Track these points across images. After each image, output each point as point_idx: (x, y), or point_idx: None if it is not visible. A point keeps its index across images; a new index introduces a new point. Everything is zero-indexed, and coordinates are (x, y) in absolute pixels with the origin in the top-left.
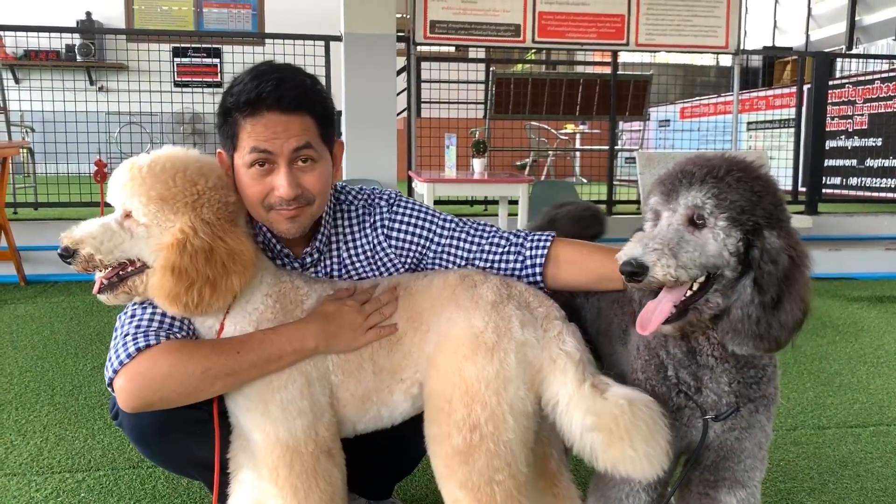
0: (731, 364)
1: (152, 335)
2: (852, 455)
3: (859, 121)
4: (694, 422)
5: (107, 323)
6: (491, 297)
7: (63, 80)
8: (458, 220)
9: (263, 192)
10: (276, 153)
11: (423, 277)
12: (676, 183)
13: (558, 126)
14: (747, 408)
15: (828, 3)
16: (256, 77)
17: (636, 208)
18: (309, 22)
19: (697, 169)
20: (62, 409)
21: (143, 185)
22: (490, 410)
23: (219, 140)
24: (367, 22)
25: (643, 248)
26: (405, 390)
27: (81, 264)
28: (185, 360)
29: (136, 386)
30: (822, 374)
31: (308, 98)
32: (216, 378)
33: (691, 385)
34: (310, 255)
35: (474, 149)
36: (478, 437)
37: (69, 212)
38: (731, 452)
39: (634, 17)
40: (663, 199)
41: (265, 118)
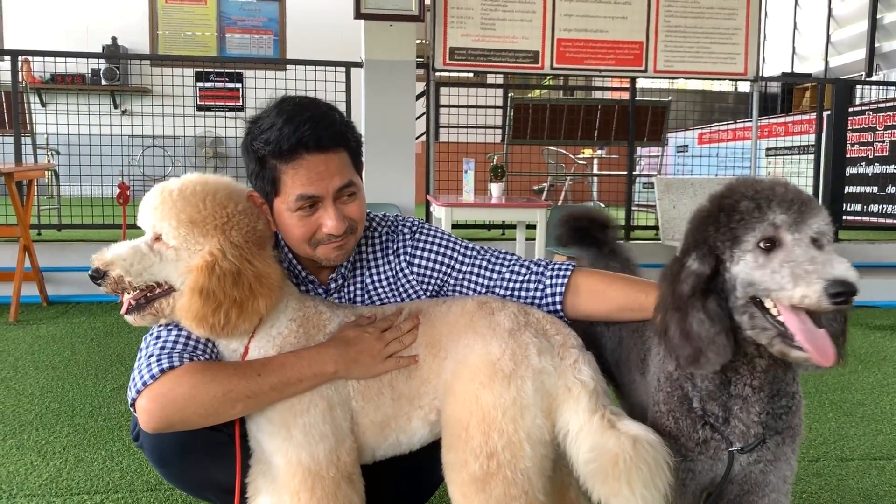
0: (765, 393)
1: (176, 357)
2: (876, 488)
3: (880, 147)
4: (719, 454)
5: (127, 344)
6: (508, 324)
7: (88, 104)
8: (479, 248)
9: (311, 230)
10: (322, 195)
11: (441, 304)
12: (805, 206)
13: (576, 151)
14: (774, 440)
15: (847, 30)
16: (290, 121)
17: (654, 234)
18: (330, 48)
19: (806, 196)
20: (82, 431)
21: (173, 208)
22: (507, 438)
23: (252, 183)
24: (387, 49)
25: (848, 266)
26: (423, 417)
27: (111, 286)
28: (208, 382)
29: (158, 407)
30: (845, 405)
31: (343, 134)
32: (237, 400)
33: (719, 416)
34: (334, 280)
35: (492, 173)
36: (495, 465)
37: (92, 233)
38: (756, 486)
39: (653, 44)
40: (792, 220)
41: (306, 161)
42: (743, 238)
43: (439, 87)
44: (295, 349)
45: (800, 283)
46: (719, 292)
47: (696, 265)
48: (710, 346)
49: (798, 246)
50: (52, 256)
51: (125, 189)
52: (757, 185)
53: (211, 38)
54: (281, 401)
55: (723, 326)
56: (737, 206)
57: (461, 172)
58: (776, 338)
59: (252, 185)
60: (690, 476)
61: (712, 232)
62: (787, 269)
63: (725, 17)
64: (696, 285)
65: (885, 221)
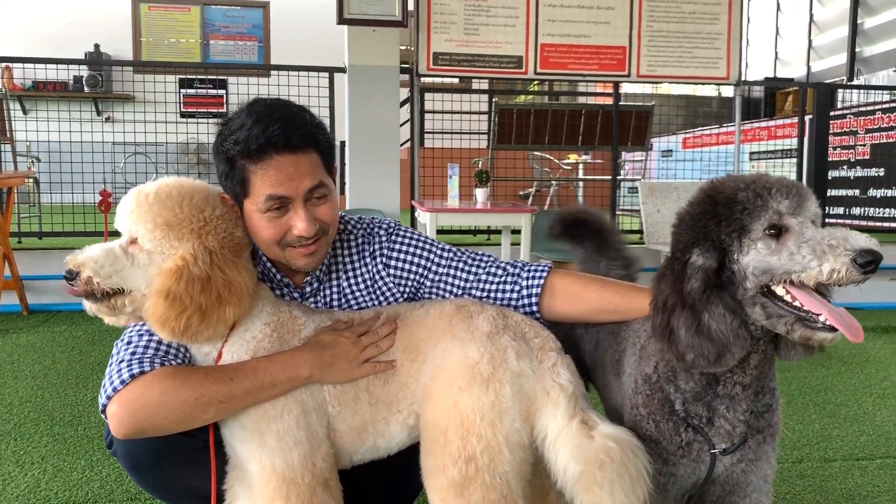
0: (752, 391)
1: (147, 362)
2: (859, 488)
3: (861, 151)
4: (702, 456)
5: (108, 353)
6: (486, 327)
7: (70, 111)
8: (455, 250)
9: (280, 232)
10: (292, 196)
11: (419, 308)
12: (803, 192)
13: (561, 156)
14: (755, 439)
15: (828, 35)
16: (259, 121)
17: (639, 238)
18: (314, 54)
19: (798, 183)
20: (61, 440)
21: (149, 211)
22: (485, 442)
23: (223, 185)
24: (371, 54)
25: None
26: (402, 421)
27: (81, 287)
28: (178, 387)
29: (128, 412)
30: (828, 406)
31: (313, 135)
32: (209, 405)
33: (703, 417)
34: (310, 284)
35: (477, 178)
36: (473, 470)
37: (73, 241)
38: (737, 486)
39: (636, 48)
40: (793, 205)
41: (276, 161)
42: (750, 227)
43: (424, 93)
44: (269, 354)
45: (826, 258)
46: (726, 287)
47: (702, 260)
48: (735, 340)
49: (806, 228)
50: (32, 265)
51: (107, 196)
52: (746, 177)
53: (195, 45)
54: (254, 406)
55: (742, 319)
56: (735, 197)
57: (446, 178)
58: (796, 323)
59: (222, 186)
60: (672, 480)
61: (713, 226)
62: (807, 248)
63: (708, 22)
64: (707, 280)
65: (867, 224)
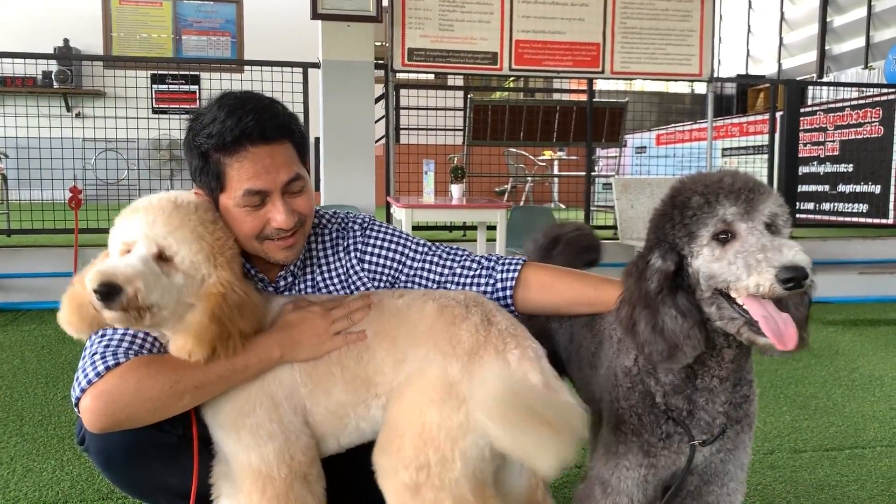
0: (729, 383)
1: (121, 353)
2: (829, 478)
3: (831, 147)
4: (682, 448)
5: (78, 353)
6: (468, 343)
7: (38, 107)
8: (430, 244)
9: (259, 225)
10: (270, 189)
11: (397, 297)
12: (754, 194)
13: (536, 152)
14: (733, 429)
15: (799, 33)
16: (232, 113)
17: (613, 233)
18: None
19: (754, 183)
20: (31, 440)
21: (192, 232)
22: (441, 455)
23: (196, 181)
24: (345, 49)
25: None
26: (382, 405)
27: (120, 305)
28: (153, 375)
29: (103, 404)
30: (799, 398)
31: (287, 126)
32: (185, 392)
33: (683, 410)
34: (284, 278)
35: (452, 175)
36: (424, 476)
37: (43, 239)
38: (715, 476)
39: (609, 45)
40: (742, 209)
41: (251, 153)
42: (697, 233)
43: (399, 89)
44: None
45: (752, 272)
46: (686, 287)
47: (660, 262)
48: (685, 340)
49: (752, 234)
50: (1, 263)
51: (77, 193)
52: (706, 178)
53: (167, 41)
54: (229, 389)
55: (695, 320)
56: (688, 202)
57: (421, 174)
58: (743, 326)
59: (196, 182)
60: (653, 472)
61: (669, 229)
62: (741, 259)
63: (680, 19)
64: (662, 282)
65: (836, 219)
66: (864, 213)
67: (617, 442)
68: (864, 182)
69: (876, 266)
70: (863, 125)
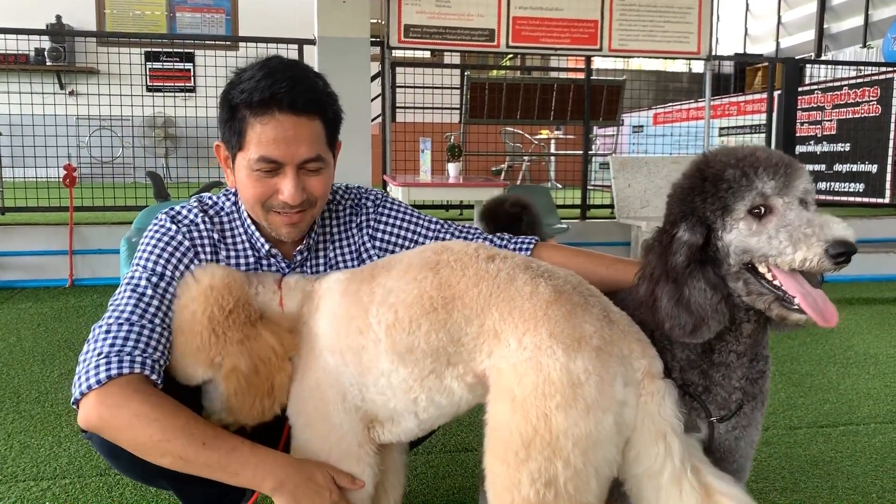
0: (746, 358)
1: (126, 362)
2: (823, 454)
3: (828, 126)
4: (700, 425)
5: (75, 329)
6: (596, 340)
7: (31, 83)
8: (441, 222)
9: (266, 193)
10: (284, 162)
11: (485, 259)
12: (790, 169)
13: (533, 131)
14: (749, 405)
15: (797, 12)
16: (270, 75)
17: (610, 212)
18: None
19: (788, 158)
20: (27, 417)
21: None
22: (573, 470)
23: (221, 133)
24: (341, 26)
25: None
26: (459, 376)
27: None
28: (151, 420)
29: (96, 417)
30: (794, 375)
31: (321, 101)
32: (167, 454)
33: (699, 385)
34: (300, 253)
35: (449, 153)
36: (552, 495)
37: (37, 217)
38: (728, 453)
39: (608, 22)
40: (779, 185)
41: (276, 119)
42: (733, 206)
43: (395, 67)
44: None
45: (800, 246)
46: (712, 261)
47: (688, 235)
48: (713, 314)
49: (790, 210)
50: None
51: (71, 171)
52: (738, 152)
53: (161, 18)
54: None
55: (723, 294)
56: (722, 174)
57: (418, 152)
58: (774, 302)
59: (220, 134)
60: None
61: (699, 202)
62: (785, 233)
63: None
64: (691, 255)
65: (832, 199)
66: (860, 193)
67: None
68: (861, 161)
69: (872, 245)
70: (860, 104)
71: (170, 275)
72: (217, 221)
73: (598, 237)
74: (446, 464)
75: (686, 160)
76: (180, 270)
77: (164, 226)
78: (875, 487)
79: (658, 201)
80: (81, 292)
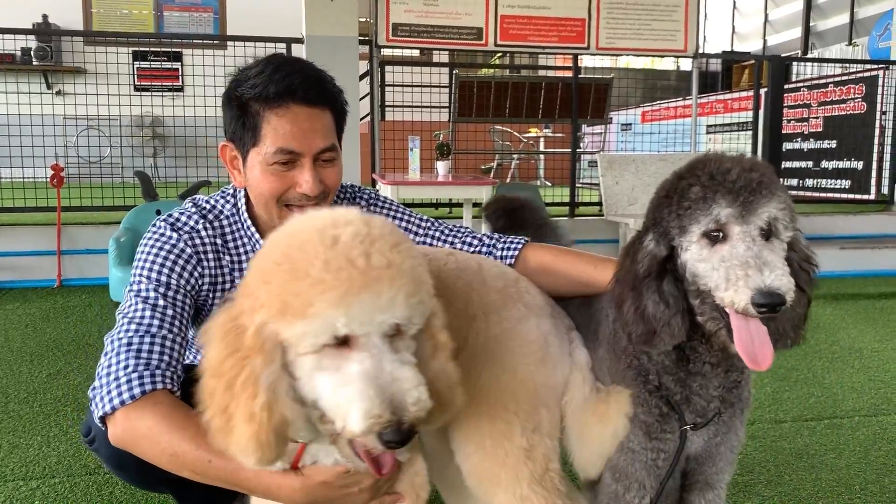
0: (721, 369)
1: (150, 377)
2: (808, 447)
3: (815, 123)
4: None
5: (63, 330)
6: (548, 307)
7: (18, 83)
8: (432, 220)
9: (283, 187)
10: (302, 153)
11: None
12: (754, 193)
13: (522, 129)
14: (728, 412)
15: (784, 9)
16: (280, 69)
17: (598, 210)
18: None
19: (760, 176)
20: (16, 417)
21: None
22: (551, 415)
23: (230, 132)
24: (328, 25)
25: (774, 274)
26: None
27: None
28: (163, 433)
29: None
30: (779, 370)
31: (332, 93)
32: (183, 467)
33: (676, 392)
34: None
35: (438, 151)
36: (538, 438)
37: (25, 217)
38: (708, 457)
39: (595, 20)
40: (738, 211)
41: (292, 112)
42: (689, 228)
43: (384, 66)
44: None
45: (731, 287)
46: (675, 273)
47: (652, 246)
48: (663, 328)
49: (742, 241)
50: None
51: (59, 171)
52: (715, 166)
53: (148, 17)
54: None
55: (678, 309)
56: (688, 191)
57: (407, 151)
58: (722, 329)
59: (228, 135)
60: (663, 456)
61: (666, 214)
62: (723, 269)
63: None
64: (651, 266)
65: (819, 195)
66: (846, 189)
67: None
68: (846, 158)
69: (857, 241)
70: (846, 101)
71: (175, 283)
72: (218, 226)
73: (587, 234)
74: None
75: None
76: (184, 279)
77: (165, 234)
78: (858, 479)
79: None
80: (69, 293)
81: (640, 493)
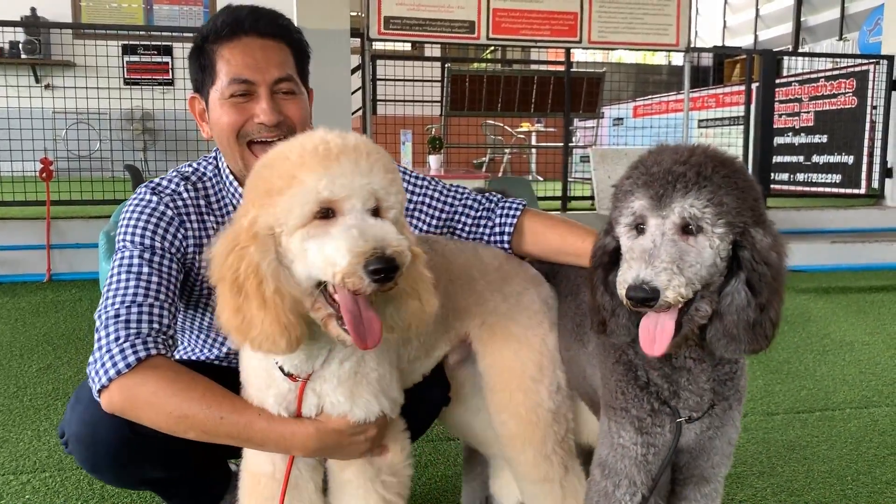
0: (707, 363)
1: (142, 345)
2: (800, 439)
3: (806, 118)
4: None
5: (53, 324)
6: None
7: (6, 76)
8: (431, 180)
9: (241, 120)
10: (257, 83)
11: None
12: (668, 186)
13: (514, 124)
14: (721, 406)
15: (775, 4)
16: (232, 11)
17: (590, 204)
18: None
19: (685, 168)
20: (6, 412)
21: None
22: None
23: (193, 80)
24: (320, 17)
25: (652, 268)
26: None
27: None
28: (170, 396)
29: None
30: (772, 363)
31: (285, 27)
32: (191, 428)
33: (664, 387)
34: None
35: (430, 145)
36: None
37: (14, 211)
38: (703, 451)
39: (587, 14)
40: (653, 204)
41: (243, 42)
42: (618, 220)
43: (375, 60)
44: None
45: (621, 277)
46: None
47: (603, 236)
48: (612, 318)
49: (652, 234)
50: None
51: (48, 164)
52: (654, 158)
53: (138, 10)
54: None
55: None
56: (623, 183)
57: (399, 145)
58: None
59: (193, 83)
60: (653, 451)
61: (613, 206)
62: (629, 260)
63: None
64: (601, 258)
65: (810, 190)
66: (837, 184)
67: (609, 420)
68: (837, 153)
69: (848, 235)
70: (837, 96)
71: (160, 246)
72: (201, 188)
73: None
74: (429, 452)
75: None
76: (168, 241)
77: (145, 198)
78: (850, 471)
79: None
80: (59, 287)
81: (631, 489)
